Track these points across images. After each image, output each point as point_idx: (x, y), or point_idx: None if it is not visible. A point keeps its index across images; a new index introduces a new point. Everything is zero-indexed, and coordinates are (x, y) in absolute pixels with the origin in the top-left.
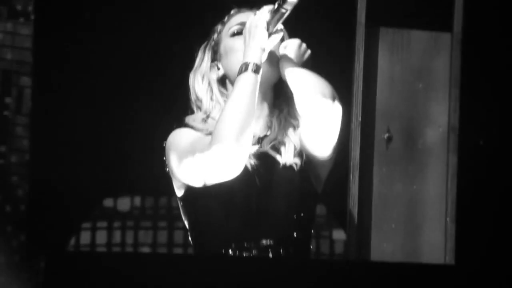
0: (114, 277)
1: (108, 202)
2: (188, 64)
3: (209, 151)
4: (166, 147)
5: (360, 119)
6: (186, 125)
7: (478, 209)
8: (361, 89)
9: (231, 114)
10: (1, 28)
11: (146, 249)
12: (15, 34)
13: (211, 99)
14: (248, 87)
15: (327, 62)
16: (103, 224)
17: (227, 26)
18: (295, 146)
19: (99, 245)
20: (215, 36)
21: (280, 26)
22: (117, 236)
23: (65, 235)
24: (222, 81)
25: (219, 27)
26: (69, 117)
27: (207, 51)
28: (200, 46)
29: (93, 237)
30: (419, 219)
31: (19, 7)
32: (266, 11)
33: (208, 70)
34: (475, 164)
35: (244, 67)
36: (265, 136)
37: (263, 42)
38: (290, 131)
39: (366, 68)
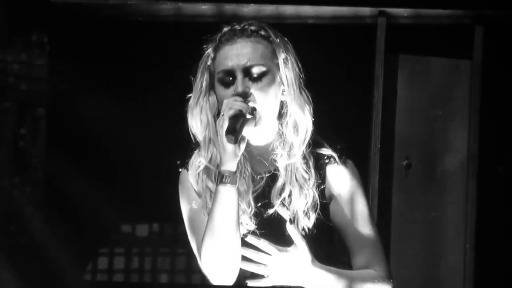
0: None
1: (126, 228)
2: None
3: (199, 262)
4: (179, 193)
5: (379, 146)
6: (187, 169)
7: (497, 236)
8: (380, 116)
9: (213, 238)
10: (17, 59)
11: (164, 276)
12: (30, 65)
13: (209, 141)
14: (225, 203)
15: (347, 88)
16: (121, 249)
17: (218, 58)
18: (306, 196)
19: (117, 271)
20: (209, 60)
21: (249, 116)
22: (135, 262)
23: (84, 261)
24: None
25: (211, 50)
26: (85, 145)
27: (204, 79)
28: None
29: (110, 262)
30: (438, 246)
31: (34, 38)
32: (227, 120)
33: (207, 103)
34: (495, 191)
35: (219, 179)
36: (272, 176)
37: (234, 150)
38: (299, 174)
39: (385, 95)
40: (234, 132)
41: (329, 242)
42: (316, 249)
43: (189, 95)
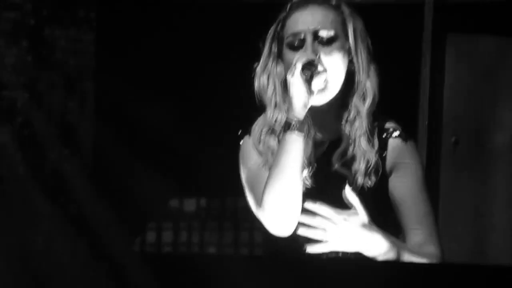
0: (180, 277)
1: (174, 203)
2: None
3: (260, 211)
4: (239, 159)
5: (427, 123)
6: (250, 135)
7: None
8: (428, 93)
9: (276, 182)
10: (64, 34)
11: (212, 250)
12: (78, 40)
13: (275, 106)
14: (291, 150)
15: (395, 65)
16: (169, 224)
17: (288, 24)
18: (368, 161)
19: (165, 244)
20: (279, 27)
21: (320, 68)
22: (183, 236)
23: (132, 235)
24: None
25: (282, 17)
26: (133, 119)
27: (273, 46)
28: (265, 35)
29: (159, 236)
30: (486, 222)
31: (81, 14)
32: (299, 66)
33: (275, 70)
34: None
35: (287, 127)
36: (334, 143)
37: (304, 98)
38: (363, 141)
39: (433, 72)
40: (311, 65)
41: (385, 209)
42: (372, 215)
43: (257, 64)
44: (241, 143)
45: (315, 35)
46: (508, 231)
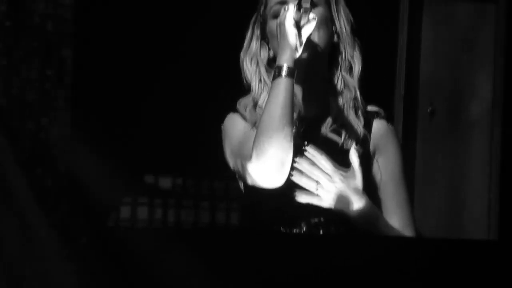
0: (154, 252)
1: (149, 179)
2: (240, 44)
3: (250, 164)
4: (222, 134)
5: (403, 93)
6: (236, 111)
7: None
8: (405, 61)
9: (267, 127)
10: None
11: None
12: (57, 5)
13: (260, 80)
14: (282, 93)
15: (371, 33)
16: (144, 200)
17: (270, 1)
18: (358, 131)
19: (140, 221)
20: (262, 9)
21: (311, 15)
22: (158, 213)
23: (106, 210)
24: (274, 60)
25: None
26: (111, 90)
27: (255, 29)
28: (249, 20)
29: (134, 212)
30: (462, 194)
31: None
32: (292, 7)
33: (258, 51)
34: None
35: (277, 72)
36: (323, 116)
37: (294, 41)
38: (351, 113)
39: (410, 39)
40: (304, 4)
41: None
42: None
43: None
44: (224, 121)
45: (299, 4)
46: (485, 204)
